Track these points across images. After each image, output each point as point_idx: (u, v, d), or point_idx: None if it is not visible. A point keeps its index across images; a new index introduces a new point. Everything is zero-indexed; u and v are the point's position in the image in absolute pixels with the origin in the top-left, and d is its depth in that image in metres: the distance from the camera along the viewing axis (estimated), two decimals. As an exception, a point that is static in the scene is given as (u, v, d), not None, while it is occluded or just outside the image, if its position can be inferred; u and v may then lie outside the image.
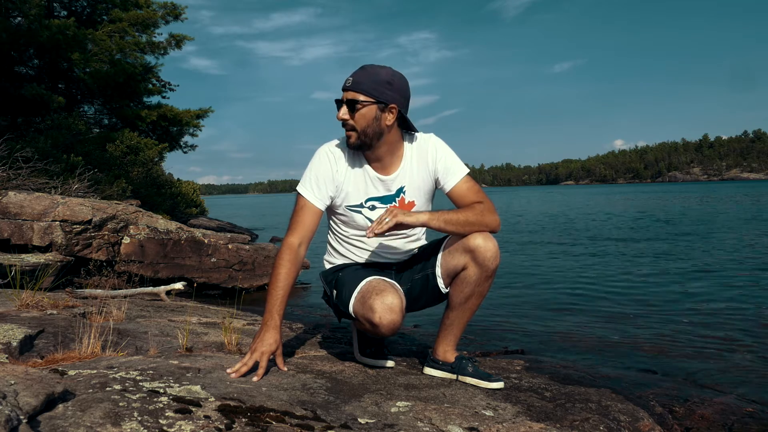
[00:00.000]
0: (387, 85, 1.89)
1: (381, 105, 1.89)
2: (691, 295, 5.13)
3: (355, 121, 1.89)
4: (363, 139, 1.92)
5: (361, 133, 1.90)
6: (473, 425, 1.54)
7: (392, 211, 1.83)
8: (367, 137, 1.91)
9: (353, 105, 1.88)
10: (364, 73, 1.90)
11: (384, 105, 1.90)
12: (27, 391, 1.18)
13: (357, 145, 1.93)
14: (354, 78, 1.89)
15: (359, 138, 1.91)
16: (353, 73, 1.91)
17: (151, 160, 12.05)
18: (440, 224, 1.88)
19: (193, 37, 14.64)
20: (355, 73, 1.91)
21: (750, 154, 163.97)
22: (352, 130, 1.91)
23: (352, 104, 1.89)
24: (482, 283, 1.92)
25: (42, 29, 10.90)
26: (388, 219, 1.81)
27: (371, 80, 1.88)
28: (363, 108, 1.88)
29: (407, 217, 1.84)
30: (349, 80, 1.90)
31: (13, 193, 5.14)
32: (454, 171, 2.00)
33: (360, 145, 1.93)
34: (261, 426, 1.29)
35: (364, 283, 1.90)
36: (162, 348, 2.16)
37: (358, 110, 1.88)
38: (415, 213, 1.88)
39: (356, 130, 1.90)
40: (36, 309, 2.70)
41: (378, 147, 1.96)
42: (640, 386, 2.51)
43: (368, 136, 1.91)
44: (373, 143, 1.94)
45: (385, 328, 1.80)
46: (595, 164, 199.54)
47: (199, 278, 5.48)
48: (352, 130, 1.91)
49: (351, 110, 1.89)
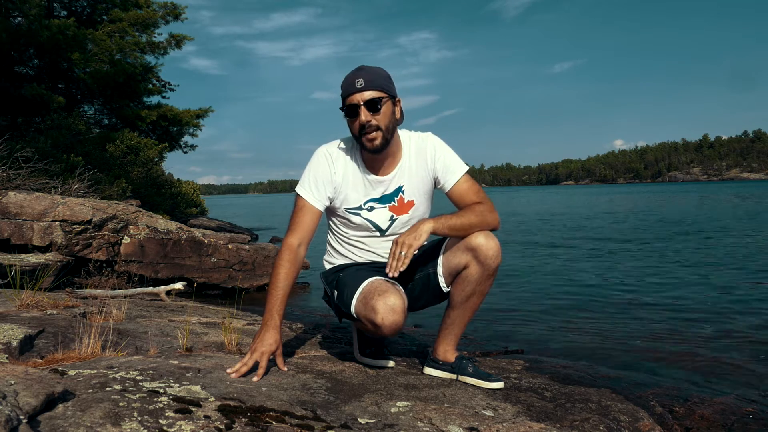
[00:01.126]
0: (388, 79, 1.90)
1: (393, 99, 1.89)
2: (692, 296, 5.13)
3: (378, 121, 1.85)
4: (387, 137, 1.88)
5: (385, 131, 1.87)
6: (473, 425, 1.53)
7: (402, 242, 1.81)
8: (389, 134, 1.89)
9: (375, 104, 1.84)
10: (369, 72, 1.87)
11: (394, 99, 1.90)
12: (27, 391, 1.18)
13: (382, 145, 1.88)
14: (363, 78, 1.84)
15: (384, 137, 1.87)
16: (357, 75, 1.86)
17: (151, 160, 12.05)
18: (445, 231, 1.87)
19: (193, 37, 14.66)
20: (358, 74, 1.86)
21: (750, 154, 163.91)
22: (377, 131, 1.85)
23: (374, 103, 1.83)
24: (483, 282, 1.92)
25: (42, 29, 10.90)
26: (404, 252, 1.80)
27: (378, 76, 1.87)
28: (384, 104, 1.85)
29: (418, 240, 1.81)
30: (358, 81, 1.83)
31: (13, 193, 5.14)
32: (453, 170, 1.99)
33: (383, 145, 1.88)
34: (261, 426, 1.29)
35: (366, 284, 1.89)
36: (162, 348, 2.16)
37: (380, 108, 1.85)
38: (420, 227, 1.84)
39: (381, 129, 1.85)
40: (36, 309, 2.70)
41: (390, 146, 1.93)
42: (640, 386, 2.51)
43: (390, 133, 1.89)
44: (390, 141, 1.91)
45: (388, 328, 1.80)
46: (595, 164, 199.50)
47: (199, 278, 5.48)
48: (376, 130, 1.85)
49: (373, 110, 1.84)
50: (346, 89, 1.87)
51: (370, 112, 1.84)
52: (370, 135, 1.86)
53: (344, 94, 1.87)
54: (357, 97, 1.84)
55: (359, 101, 1.83)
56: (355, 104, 1.84)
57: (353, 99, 1.84)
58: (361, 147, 1.93)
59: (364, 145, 1.89)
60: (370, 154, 1.93)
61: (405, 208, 2.04)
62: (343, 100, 1.88)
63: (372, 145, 1.87)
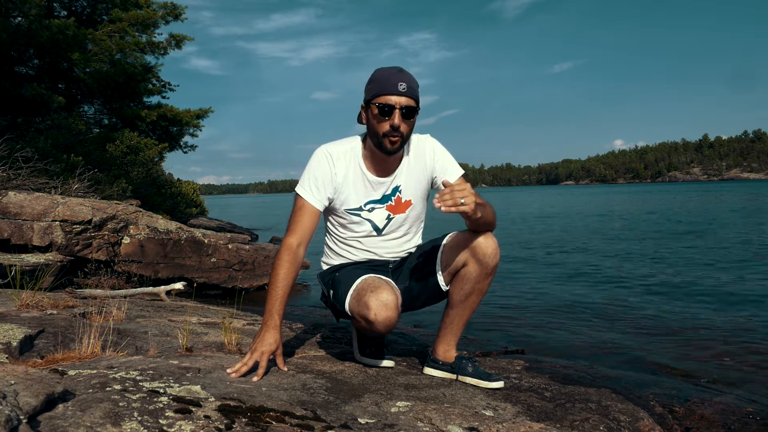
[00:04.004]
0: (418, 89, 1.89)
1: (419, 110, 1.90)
2: (692, 296, 5.13)
3: (404, 128, 1.85)
4: (403, 144, 1.91)
5: (406, 139, 1.89)
6: (473, 425, 1.53)
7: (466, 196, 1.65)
8: (405, 142, 1.92)
9: (411, 113, 1.84)
10: (410, 78, 1.85)
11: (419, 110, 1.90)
12: (27, 391, 1.18)
13: (397, 150, 1.90)
14: (407, 84, 1.82)
15: (402, 144, 1.89)
16: (400, 77, 1.83)
17: (151, 160, 12.06)
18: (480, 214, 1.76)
19: (193, 37, 14.66)
20: (401, 77, 1.83)
21: (750, 154, 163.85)
22: (400, 137, 1.86)
23: (410, 112, 1.84)
24: (482, 281, 1.92)
25: (42, 29, 10.90)
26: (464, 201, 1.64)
27: (416, 86, 1.87)
28: (416, 116, 1.87)
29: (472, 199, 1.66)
30: (402, 85, 1.81)
31: (13, 193, 5.14)
32: (451, 171, 2.01)
33: (398, 150, 1.91)
34: (261, 426, 1.29)
35: (360, 281, 1.90)
36: (162, 348, 2.16)
37: (413, 118, 1.86)
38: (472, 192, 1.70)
39: (403, 136, 1.86)
40: (36, 309, 2.70)
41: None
42: (640, 386, 2.51)
43: (406, 141, 1.92)
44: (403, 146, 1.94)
45: (381, 324, 1.80)
46: (595, 164, 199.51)
47: (199, 278, 5.48)
48: (399, 136, 1.85)
49: (407, 117, 1.84)
50: (384, 87, 1.83)
51: (404, 119, 1.84)
52: (393, 138, 1.86)
53: (380, 92, 1.83)
54: (396, 100, 1.82)
55: (397, 104, 1.82)
56: (392, 105, 1.82)
57: (391, 100, 1.82)
58: (377, 146, 1.90)
59: (383, 145, 1.88)
60: (384, 154, 1.92)
61: (402, 208, 2.05)
62: (375, 95, 1.84)
63: (392, 147, 1.88)
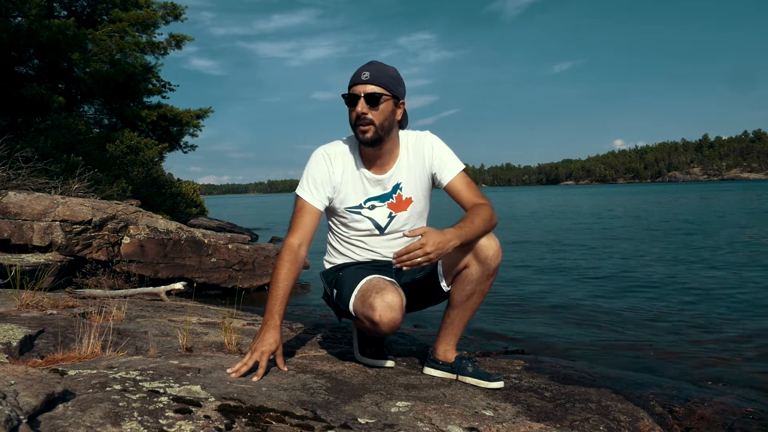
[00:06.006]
0: (397, 80, 1.92)
1: (395, 100, 1.92)
2: (693, 296, 5.13)
3: (374, 116, 1.87)
4: (380, 133, 1.90)
5: (379, 128, 1.89)
6: (473, 425, 1.53)
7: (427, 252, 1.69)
8: (383, 132, 1.91)
9: (375, 99, 1.87)
10: (377, 67, 1.90)
11: (397, 100, 1.93)
12: (27, 391, 1.18)
13: (373, 140, 1.90)
14: (370, 72, 1.88)
15: (376, 132, 1.90)
16: (366, 68, 1.90)
17: (151, 160, 12.05)
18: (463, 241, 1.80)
19: (193, 37, 14.66)
20: (368, 67, 1.90)
21: (750, 154, 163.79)
22: (370, 125, 1.88)
23: (373, 98, 1.87)
24: (484, 282, 1.92)
25: (42, 29, 10.89)
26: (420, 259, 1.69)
27: (386, 74, 1.89)
28: (383, 102, 1.88)
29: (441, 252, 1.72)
30: (365, 74, 1.87)
31: (13, 193, 5.14)
32: (450, 167, 2.01)
33: (375, 140, 1.91)
34: (261, 426, 1.29)
35: (364, 282, 1.90)
36: (162, 348, 2.16)
37: (379, 104, 1.87)
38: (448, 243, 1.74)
39: (374, 124, 1.88)
40: (36, 309, 2.70)
41: (385, 143, 1.96)
42: (640, 386, 2.50)
43: (384, 131, 1.91)
44: (384, 139, 1.93)
45: (386, 326, 1.80)
46: (595, 164, 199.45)
47: (199, 278, 5.48)
48: (369, 124, 1.88)
49: (371, 104, 1.87)
50: (352, 79, 1.91)
51: (368, 106, 1.87)
52: (363, 127, 1.89)
53: (350, 83, 1.92)
54: (359, 89, 1.88)
55: (360, 92, 1.87)
56: (356, 95, 1.88)
57: (356, 89, 1.89)
58: (357, 139, 1.95)
59: (358, 136, 1.93)
60: (363, 146, 1.96)
61: (403, 205, 2.05)
62: (348, 89, 1.92)
63: (363, 137, 1.90)
